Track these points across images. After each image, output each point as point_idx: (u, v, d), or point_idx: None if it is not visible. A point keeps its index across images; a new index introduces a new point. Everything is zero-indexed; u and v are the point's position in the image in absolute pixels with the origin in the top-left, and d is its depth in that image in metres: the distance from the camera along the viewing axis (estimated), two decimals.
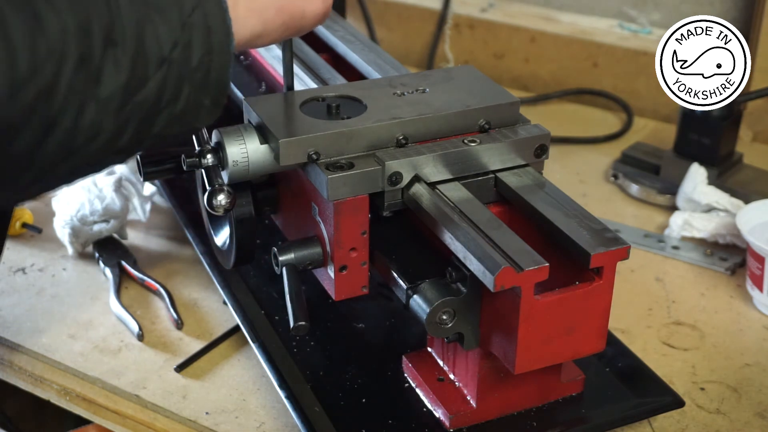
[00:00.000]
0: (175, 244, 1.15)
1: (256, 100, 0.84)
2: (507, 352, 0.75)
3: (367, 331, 0.98)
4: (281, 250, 0.82)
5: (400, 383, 0.89)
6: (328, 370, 0.91)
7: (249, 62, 1.07)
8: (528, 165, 0.83)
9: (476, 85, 0.87)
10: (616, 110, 1.51)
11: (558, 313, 0.73)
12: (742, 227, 1.05)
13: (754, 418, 0.89)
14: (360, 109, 0.82)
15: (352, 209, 0.78)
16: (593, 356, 0.90)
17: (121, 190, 1.14)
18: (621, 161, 1.32)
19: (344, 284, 0.81)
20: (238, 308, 0.97)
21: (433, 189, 0.79)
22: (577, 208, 0.77)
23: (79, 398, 0.96)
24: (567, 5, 1.61)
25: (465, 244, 0.73)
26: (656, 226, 1.21)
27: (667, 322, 1.03)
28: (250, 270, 1.04)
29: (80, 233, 1.11)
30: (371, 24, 1.63)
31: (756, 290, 1.04)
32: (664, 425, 0.88)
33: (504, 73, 1.60)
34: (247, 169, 0.79)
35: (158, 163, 0.85)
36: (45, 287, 1.08)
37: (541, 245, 0.73)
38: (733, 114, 1.21)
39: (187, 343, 0.99)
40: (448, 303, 0.75)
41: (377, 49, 1.02)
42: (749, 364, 0.96)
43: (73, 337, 1.00)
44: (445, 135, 0.82)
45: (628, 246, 0.73)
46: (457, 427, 0.83)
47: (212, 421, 0.89)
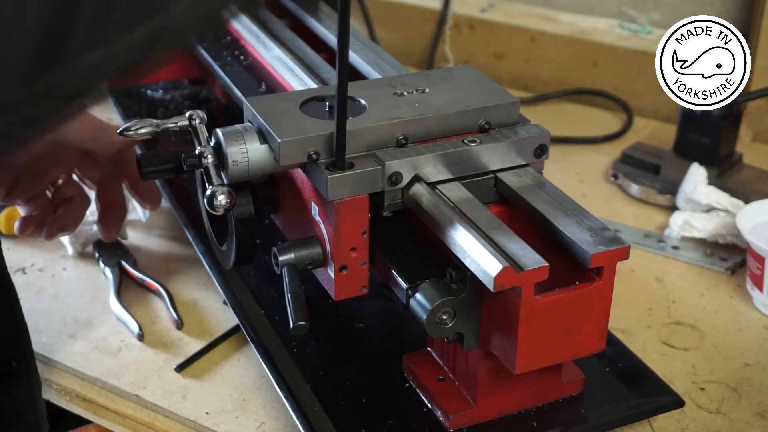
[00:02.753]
0: (175, 244, 1.15)
1: (256, 100, 0.84)
2: (507, 352, 0.75)
3: (367, 331, 0.98)
4: (281, 250, 0.82)
5: (400, 383, 0.89)
6: (328, 370, 0.91)
7: (249, 62, 1.07)
8: (528, 165, 0.83)
9: (476, 85, 0.87)
10: (616, 110, 1.51)
11: (558, 313, 0.73)
12: (742, 227, 1.05)
13: (754, 418, 0.89)
14: (360, 109, 0.82)
15: (352, 209, 0.78)
16: (593, 356, 0.90)
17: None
18: (621, 161, 1.32)
19: (344, 284, 0.81)
20: (238, 308, 0.97)
21: (433, 189, 0.79)
22: (576, 208, 0.77)
23: (78, 398, 0.96)
24: (567, 5, 1.61)
25: (465, 244, 0.73)
26: (656, 226, 1.21)
27: (667, 322, 1.03)
28: (250, 270, 1.04)
29: (80, 233, 1.11)
30: (371, 24, 1.63)
31: (756, 290, 1.04)
32: (664, 425, 0.88)
33: (504, 73, 1.60)
34: (247, 169, 0.79)
35: (158, 163, 0.85)
36: (45, 287, 1.08)
37: (541, 245, 0.73)
38: (733, 114, 1.21)
39: (187, 343, 0.99)
40: (448, 303, 0.75)
41: (377, 49, 1.02)
42: (749, 364, 0.96)
43: (73, 337, 1.00)
44: (445, 135, 0.82)
45: (628, 246, 0.73)
46: (457, 427, 0.83)
47: (212, 421, 0.89)
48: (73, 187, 1.00)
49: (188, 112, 0.82)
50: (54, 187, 1.00)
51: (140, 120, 0.82)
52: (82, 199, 0.99)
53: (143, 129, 0.81)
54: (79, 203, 0.99)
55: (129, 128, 0.81)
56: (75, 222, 1.00)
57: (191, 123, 0.82)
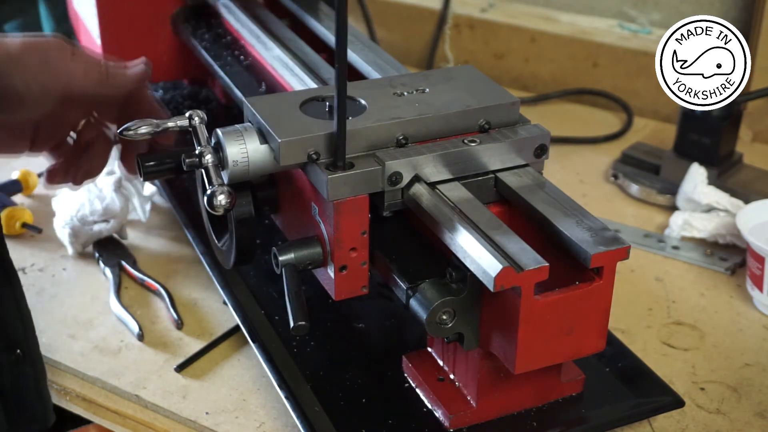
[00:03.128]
0: (175, 244, 1.15)
1: (256, 100, 0.84)
2: (507, 352, 0.75)
3: (367, 331, 0.98)
4: (281, 250, 0.82)
5: (400, 383, 0.89)
6: (328, 370, 0.91)
7: (249, 62, 1.08)
8: (528, 165, 0.82)
9: (476, 85, 0.87)
10: (616, 110, 1.51)
11: (558, 313, 0.73)
12: (742, 227, 1.05)
13: (754, 418, 0.89)
14: (360, 109, 0.82)
15: (352, 209, 0.78)
16: (593, 356, 0.90)
17: (121, 190, 1.14)
18: (621, 161, 1.32)
19: (344, 284, 0.81)
20: (238, 308, 0.97)
21: (433, 189, 0.79)
22: (576, 208, 0.77)
23: (78, 398, 0.96)
24: (567, 5, 1.61)
25: (465, 244, 0.73)
26: (656, 226, 1.21)
27: (667, 322, 1.03)
28: (250, 270, 1.04)
29: (80, 233, 1.12)
30: (371, 24, 1.63)
31: (756, 290, 1.04)
32: (664, 425, 0.88)
33: (504, 73, 1.60)
34: (247, 169, 0.79)
35: (158, 163, 0.85)
36: (45, 287, 1.08)
37: (541, 245, 0.73)
38: (733, 114, 1.21)
39: (187, 343, 0.99)
40: (448, 303, 0.75)
41: (377, 49, 1.02)
42: (749, 364, 0.96)
43: (73, 337, 1.00)
44: (445, 135, 0.82)
45: (628, 246, 0.73)
46: (457, 427, 0.83)
47: (212, 421, 0.89)
48: (94, 130, 0.99)
49: (188, 112, 0.82)
50: (75, 133, 0.99)
51: (140, 120, 0.82)
52: (104, 142, 0.97)
53: (143, 129, 0.81)
54: (101, 146, 0.97)
55: (129, 128, 0.81)
56: (99, 165, 0.99)
57: (191, 123, 0.82)
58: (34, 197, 1.26)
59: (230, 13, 1.17)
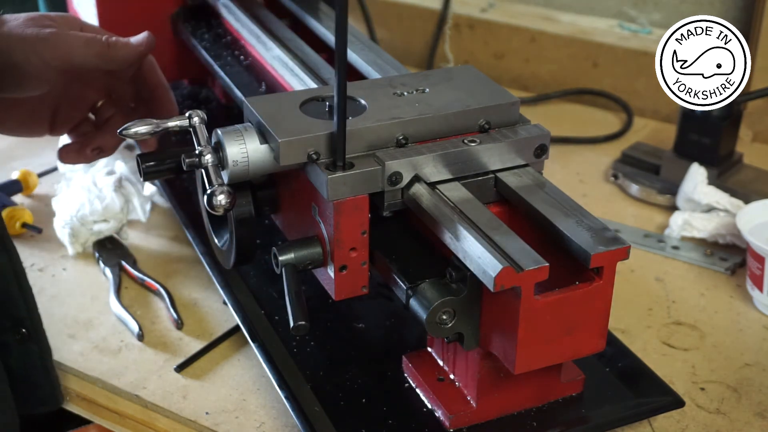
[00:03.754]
0: (175, 244, 1.15)
1: (256, 100, 0.84)
2: (507, 352, 0.75)
3: (367, 331, 0.98)
4: (281, 250, 0.82)
5: (400, 383, 0.89)
6: (328, 370, 0.91)
7: (249, 62, 1.08)
8: (528, 165, 0.82)
9: (476, 85, 0.87)
10: (616, 110, 1.51)
11: (558, 313, 0.73)
12: (742, 227, 1.05)
13: (754, 418, 0.89)
14: (360, 109, 0.82)
15: (352, 209, 0.78)
16: (593, 356, 0.90)
17: (121, 190, 1.14)
18: (621, 161, 1.32)
19: (344, 284, 0.81)
20: (238, 308, 0.97)
21: (433, 189, 0.79)
22: (576, 208, 0.77)
23: (78, 398, 0.96)
24: (567, 5, 1.61)
25: (465, 244, 0.73)
26: (656, 226, 1.21)
27: (667, 322, 1.03)
28: (250, 270, 1.04)
29: (80, 233, 1.12)
30: (371, 24, 1.63)
31: (756, 290, 1.04)
32: (664, 425, 0.88)
33: (504, 73, 1.60)
34: (247, 169, 0.79)
35: (158, 163, 0.85)
36: (45, 287, 1.08)
37: (541, 245, 0.73)
38: (733, 114, 1.21)
39: (187, 343, 0.99)
40: (448, 303, 0.75)
41: (377, 49, 1.02)
42: (749, 364, 0.96)
43: (73, 337, 1.00)
44: (445, 135, 0.82)
45: (628, 246, 0.73)
46: (457, 427, 0.83)
47: (212, 421, 0.89)
48: (111, 108, 0.99)
49: (188, 112, 0.82)
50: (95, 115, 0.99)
51: (140, 120, 0.82)
52: (120, 118, 0.97)
53: (143, 129, 0.81)
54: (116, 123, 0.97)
55: (128, 128, 0.81)
56: (112, 142, 0.98)
57: (191, 123, 0.82)
58: (34, 197, 1.26)
59: (230, 13, 1.17)
